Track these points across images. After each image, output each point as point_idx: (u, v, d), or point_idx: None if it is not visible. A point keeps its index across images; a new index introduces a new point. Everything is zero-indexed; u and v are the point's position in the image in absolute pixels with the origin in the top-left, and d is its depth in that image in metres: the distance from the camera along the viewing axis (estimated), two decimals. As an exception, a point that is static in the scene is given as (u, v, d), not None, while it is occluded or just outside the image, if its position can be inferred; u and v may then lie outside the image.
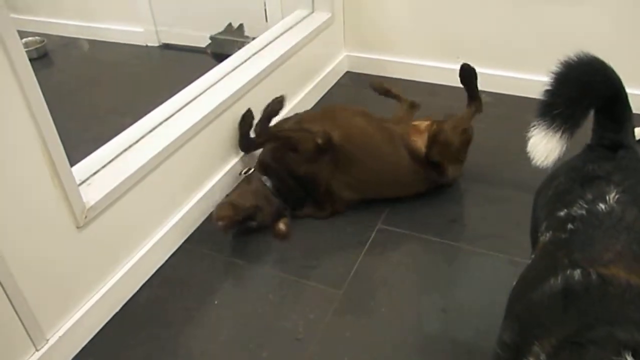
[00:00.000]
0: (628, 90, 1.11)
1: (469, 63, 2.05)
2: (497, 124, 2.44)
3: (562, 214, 1.01)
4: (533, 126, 1.06)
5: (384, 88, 2.28)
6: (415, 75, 2.87)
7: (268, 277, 1.79)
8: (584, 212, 0.98)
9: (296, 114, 2.20)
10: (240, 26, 3.12)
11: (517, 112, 2.57)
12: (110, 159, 1.68)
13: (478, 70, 1.97)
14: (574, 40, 2.46)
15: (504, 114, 2.54)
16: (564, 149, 1.04)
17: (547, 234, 1.02)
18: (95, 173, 1.62)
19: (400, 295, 1.69)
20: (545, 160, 1.05)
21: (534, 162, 1.05)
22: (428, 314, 1.62)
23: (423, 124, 2.04)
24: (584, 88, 1.08)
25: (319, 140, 1.89)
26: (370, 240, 1.88)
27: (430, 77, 2.83)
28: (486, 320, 1.53)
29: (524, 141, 2.24)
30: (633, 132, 1.23)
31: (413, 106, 2.21)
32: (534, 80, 2.62)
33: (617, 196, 0.98)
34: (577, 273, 0.84)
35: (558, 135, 1.04)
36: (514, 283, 1.02)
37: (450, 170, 1.97)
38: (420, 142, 1.98)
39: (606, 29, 2.40)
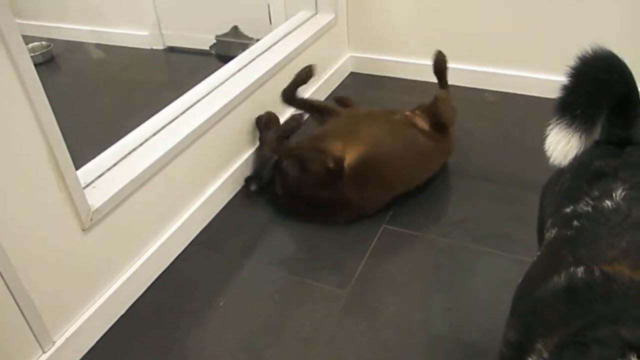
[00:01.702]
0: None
1: (442, 52, 2.19)
2: (501, 123, 2.44)
3: (568, 210, 1.01)
4: (552, 124, 1.03)
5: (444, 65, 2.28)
6: (420, 75, 2.85)
7: (274, 277, 1.78)
8: (589, 209, 0.97)
9: (325, 122, 2.19)
10: (235, 28, 3.14)
11: (520, 110, 2.57)
12: (115, 161, 1.69)
13: (480, 69, 1.98)
14: (576, 38, 2.44)
15: (507, 112, 2.54)
16: (582, 148, 1.03)
17: (553, 231, 1.01)
18: (100, 176, 1.63)
19: (406, 295, 1.69)
20: (564, 159, 1.03)
21: (551, 160, 1.04)
22: (434, 313, 1.62)
23: (414, 111, 2.13)
24: (603, 86, 1.06)
25: (330, 164, 1.88)
26: (375, 240, 1.88)
27: (434, 77, 2.82)
28: (492, 320, 1.52)
29: (528, 139, 2.24)
30: None
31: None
32: (536, 78, 2.62)
33: (623, 193, 0.97)
34: (581, 270, 0.83)
35: (578, 135, 1.02)
36: (520, 281, 1.02)
37: (451, 131, 2.11)
38: (421, 122, 2.07)
39: (611, 27, 2.38)
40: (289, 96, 2.17)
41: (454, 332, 1.56)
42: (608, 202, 0.95)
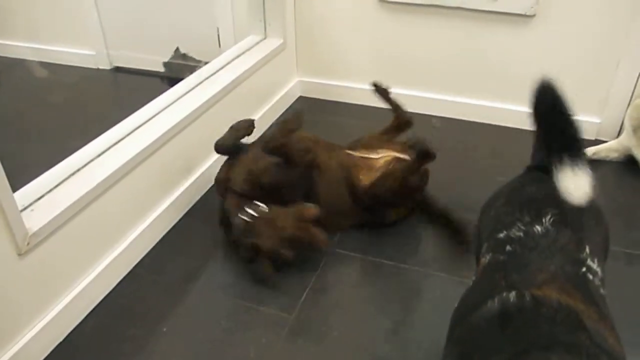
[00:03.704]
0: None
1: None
2: (446, 147, 2.50)
3: (501, 235, 1.04)
4: (556, 170, 1.02)
5: (386, 92, 2.24)
6: (368, 100, 2.91)
7: (220, 303, 1.76)
8: (521, 234, 1.01)
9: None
10: (177, 49, 3.14)
11: (464, 135, 2.65)
12: (56, 184, 1.64)
13: (428, 95, 2.01)
14: (516, 69, 2.57)
15: (452, 137, 2.61)
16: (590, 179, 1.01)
17: (488, 256, 1.05)
18: (39, 198, 1.58)
19: (352, 318, 1.70)
20: (583, 197, 1.01)
21: (574, 202, 1.01)
22: (380, 336, 1.63)
23: (381, 161, 2.01)
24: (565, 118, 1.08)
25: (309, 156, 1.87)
26: (322, 264, 1.89)
27: (381, 102, 2.88)
28: (437, 341, 1.55)
29: (472, 163, 2.30)
30: None
31: (401, 127, 2.20)
32: (480, 105, 2.72)
33: (552, 218, 1.01)
34: (513, 295, 0.86)
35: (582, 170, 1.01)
36: (456, 306, 1.04)
37: (391, 214, 2.01)
38: (366, 180, 1.96)
39: (552, 56, 2.51)
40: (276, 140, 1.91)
41: (399, 354, 1.58)
42: (538, 227, 1.00)
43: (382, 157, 2.03)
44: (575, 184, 1.00)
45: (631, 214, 2.17)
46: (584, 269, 0.95)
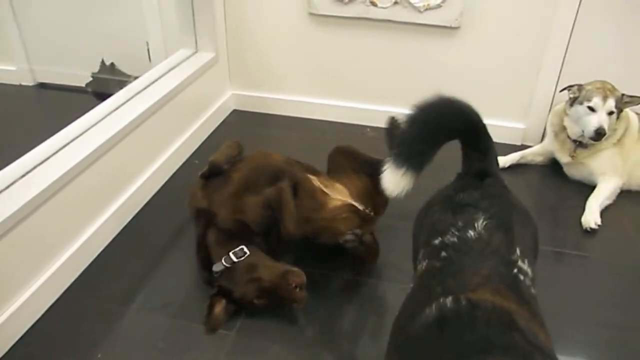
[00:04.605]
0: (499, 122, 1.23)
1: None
2: (381, 156, 2.54)
3: (436, 242, 1.07)
4: (386, 163, 1.18)
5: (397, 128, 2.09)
6: (300, 112, 2.94)
7: (156, 323, 1.71)
8: (455, 239, 1.03)
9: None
10: (112, 65, 3.06)
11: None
12: (-24, 207, 1.56)
13: (360, 106, 2.01)
14: (446, 76, 2.65)
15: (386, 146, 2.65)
16: (412, 181, 1.17)
17: (424, 263, 1.07)
18: (-43, 223, 1.49)
19: (293, 330, 1.69)
20: (395, 192, 1.17)
21: (387, 193, 1.19)
22: (321, 345, 1.63)
23: (335, 202, 1.84)
24: (430, 127, 1.20)
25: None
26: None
27: (316, 114, 2.92)
28: (379, 347, 1.57)
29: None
30: (497, 161, 1.33)
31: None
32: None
33: (484, 222, 1.05)
34: (449, 300, 0.88)
35: (403, 170, 1.15)
36: (396, 315, 1.05)
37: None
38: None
39: (478, 66, 2.60)
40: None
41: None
42: (471, 232, 1.03)
43: (337, 199, 1.86)
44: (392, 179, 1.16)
45: (556, 214, 2.28)
46: (515, 270, 0.98)
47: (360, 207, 1.86)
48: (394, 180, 1.16)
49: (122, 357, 1.59)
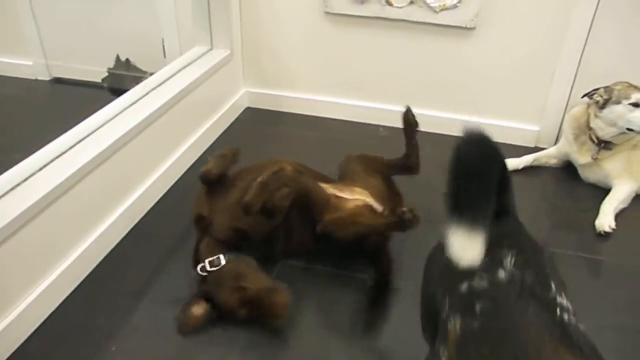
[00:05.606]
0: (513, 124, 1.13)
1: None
2: (393, 155, 2.54)
3: (464, 288, 0.95)
4: (450, 230, 0.94)
5: (413, 127, 2.12)
6: (314, 110, 2.94)
7: (168, 317, 1.71)
8: (485, 283, 0.93)
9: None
10: (127, 61, 3.08)
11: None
12: (-8, 200, 1.58)
13: (374, 105, 2.00)
14: (461, 76, 2.64)
15: (400, 146, 2.65)
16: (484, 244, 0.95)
17: (457, 322, 0.91)
18: (-24, 215, 1.51)
19: (306, 330, 1.70)
20: (473, 262, 0.94)
21: (460, 266, 0.94)
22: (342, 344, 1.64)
23: (351, 204, 1.83)
24: (485, 180, 0.97)
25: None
26: (275, 273, 1.87)
27: (329, 113, 2.92)
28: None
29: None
30: (513, 196, 1.20)
31: (405, 169, 2.11)
32: (423, 114, 2.77)
33: (513, 259, 0.96)
34: None
35: (479, 234, 0.93)
36: None
37: None
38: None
39: (492, 67, 2.60)
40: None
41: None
42: (501, 272, 0.94)
43: (354, 199, 1.86)
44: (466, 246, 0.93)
45: (570, 216, 2.26)
46: (558, 311, 0.90)
47: (380, 208, 1.85)
48: (470, 247, 0.93)
49: (136, 350, 1.61)
